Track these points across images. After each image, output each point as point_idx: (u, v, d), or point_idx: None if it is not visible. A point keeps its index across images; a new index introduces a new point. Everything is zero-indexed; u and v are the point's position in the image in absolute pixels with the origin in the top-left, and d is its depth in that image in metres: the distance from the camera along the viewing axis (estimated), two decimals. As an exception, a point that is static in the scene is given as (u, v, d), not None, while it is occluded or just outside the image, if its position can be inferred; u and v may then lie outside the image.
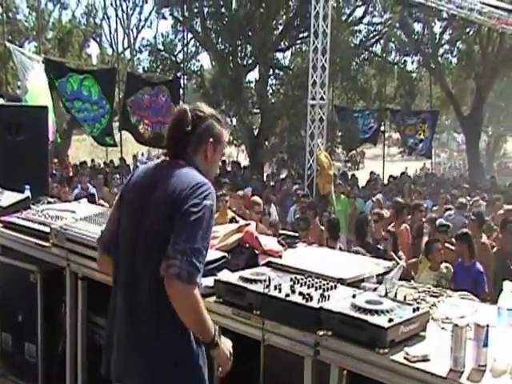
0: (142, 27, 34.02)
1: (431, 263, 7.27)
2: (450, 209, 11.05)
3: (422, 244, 8.38)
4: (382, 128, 23.30)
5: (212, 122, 2.72)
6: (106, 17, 31.82)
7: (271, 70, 23.79)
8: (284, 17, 23.41)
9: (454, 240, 7.95)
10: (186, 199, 2.46)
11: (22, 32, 25.34)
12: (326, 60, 14.20)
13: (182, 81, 20.27)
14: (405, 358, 2.39)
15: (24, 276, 4.57)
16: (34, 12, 25.48)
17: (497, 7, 16.92)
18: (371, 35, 25.74)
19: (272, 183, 16.68)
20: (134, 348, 2.60)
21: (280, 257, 3.49)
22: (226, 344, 2.62)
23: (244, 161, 27.20)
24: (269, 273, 3.15)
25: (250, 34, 22.35)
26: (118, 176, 14.96)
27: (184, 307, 2.42)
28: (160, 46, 24.98)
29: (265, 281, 2.95)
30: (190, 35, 23.89)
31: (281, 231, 4.31)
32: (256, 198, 9.37)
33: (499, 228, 8.47)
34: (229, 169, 20.61)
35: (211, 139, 2.70)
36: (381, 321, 2.47)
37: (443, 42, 26.64)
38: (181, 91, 19.35)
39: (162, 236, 2.46)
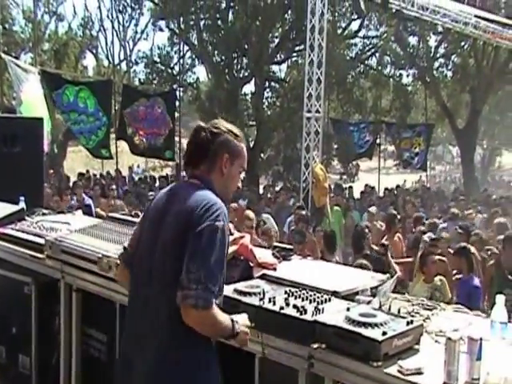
0: (139, 39, 34.19)
1: (425, 276, 7.28)
2: (438, 222, 11.11)
3: (417, 256, 8.40)
4: (378, 141, 23.37)
5: (227, 137, 2.73)
6: (102, 29, 31.86)
7: (267, 83, 23.89)
8: (280, 30, 23.54)
9: (449, 251, 8.01)
10: (198, 220, 2.50)
11: (18, 43, 25.41)
12: (321, 73, 14.26)
13: (177, 93, 20.31)
14: (398, 371, 2.39)
15: (18, 288, 4.56)
16: (30, 23, 25.59)
17: (492, 21, 17.07)
18: (367, 48, 25.89)
19: (269, 195, 16.67)
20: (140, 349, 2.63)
21: (274, 269, 3.49)
22: (244, 323, 2.67)
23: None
24: (263, 285, 3.15)
25: (246, 46, 22.47)
26: (114, 187, 14.95)
27: (204, 330, 2.52)
28: (156, 58, 25.08)
29: (259, 293, 2.96)
30: (186, 47, 24.02)
31: (275, 244, 4.31)
32: (248, 213, 9.20)
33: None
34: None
35: (226, 155, 2.72)
36: (375, 334, 2.47)
37: (438, 55, 26.80)
38: (177, 103, 19.38)
39: (176, 255, 2.52)
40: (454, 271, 7.74)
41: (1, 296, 4.83)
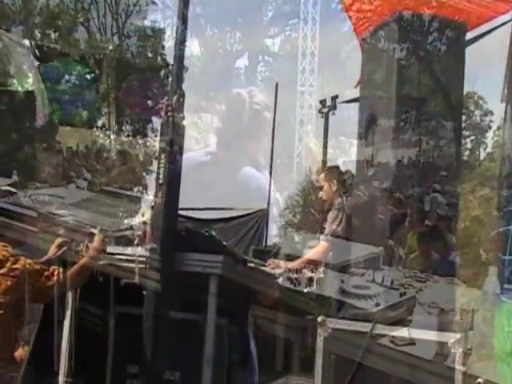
0: (131, 12, 33.71)
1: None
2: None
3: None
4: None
5: None
6: (94, 1, 31.40)
7: (260, 57, 23.69)
8: (273, 3, 23.28)
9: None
10: None
11: (9, 16, 25.01)
12: (315, 47, 14.16)
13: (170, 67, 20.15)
14: (391, 342, 2.41)
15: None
16: (21, -4, 25.16)
17: (486, -5, 16.90)
18: (360, 22, 25.63)
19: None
20: None
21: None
22: None
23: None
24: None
25: (239, 20, 22.24)
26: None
27: None
28: (149, 32, 24.77)
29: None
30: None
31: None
32: None
33: None
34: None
35: None
36: (368, 305, 2.48)
37: (432, 29, 26.55)
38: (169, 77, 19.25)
39: None
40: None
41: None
